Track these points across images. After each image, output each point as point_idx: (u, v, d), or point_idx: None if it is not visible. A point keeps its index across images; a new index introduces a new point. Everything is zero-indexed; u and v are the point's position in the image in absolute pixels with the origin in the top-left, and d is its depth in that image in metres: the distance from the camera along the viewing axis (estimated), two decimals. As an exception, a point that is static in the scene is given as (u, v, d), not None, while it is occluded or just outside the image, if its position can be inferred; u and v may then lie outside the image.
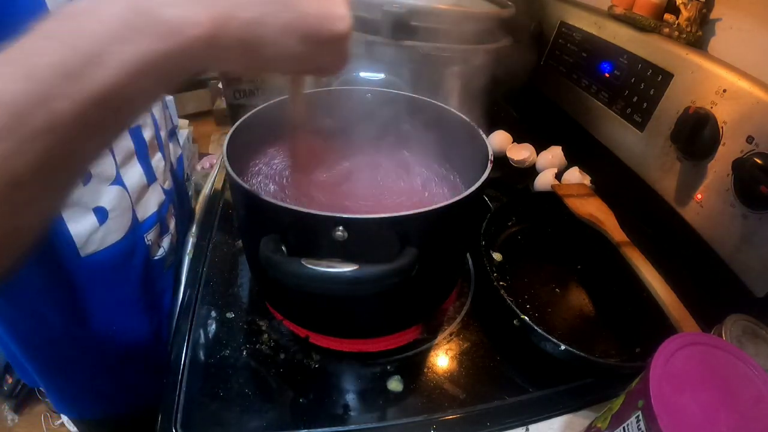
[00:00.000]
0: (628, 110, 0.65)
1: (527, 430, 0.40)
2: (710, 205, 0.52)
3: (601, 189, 0.66)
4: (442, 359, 0.46)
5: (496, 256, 0.56)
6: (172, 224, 0.57)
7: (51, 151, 0.19)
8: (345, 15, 0.28)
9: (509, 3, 0.76)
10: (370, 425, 0.40)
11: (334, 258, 0.32)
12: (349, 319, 0.44)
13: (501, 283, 0.49)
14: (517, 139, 0.79)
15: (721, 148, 0.50)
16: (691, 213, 0.55)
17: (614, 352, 0.47)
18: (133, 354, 0.55)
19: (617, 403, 0.34)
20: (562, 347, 0.41)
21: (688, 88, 0.55)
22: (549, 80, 0.85)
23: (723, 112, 0.50)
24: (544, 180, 0.70)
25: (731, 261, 0.50)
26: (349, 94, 0.53)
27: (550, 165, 0.73)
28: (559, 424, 0.41)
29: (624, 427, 0.31)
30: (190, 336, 0.45)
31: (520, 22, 0.82)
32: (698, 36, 0.59)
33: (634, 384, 0.33)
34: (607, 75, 0.69)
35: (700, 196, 0.53)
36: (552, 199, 0.62)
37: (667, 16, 0.62)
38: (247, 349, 0.45)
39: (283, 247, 0.34)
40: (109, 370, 0.55)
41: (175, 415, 0.38)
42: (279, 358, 0.44)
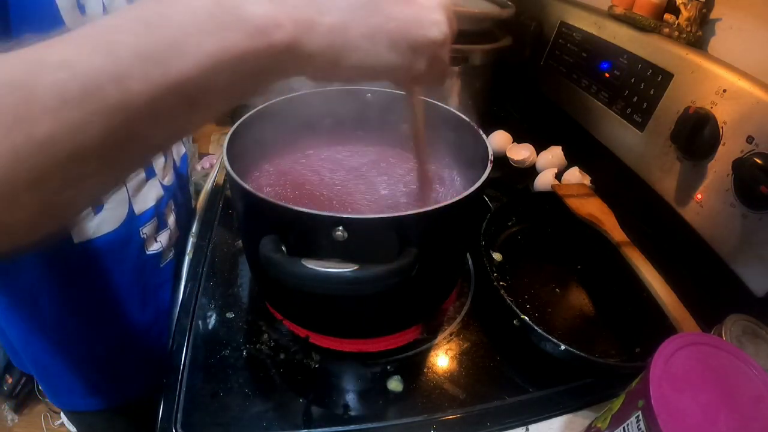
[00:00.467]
0: (628, 110, 0.65)
1: (527, 430, 0.40)
2: (710, 205, 0.52)
3: (601, 189, 0.66)
4: (442, 359, 0.46)
5: (496, 256, 0.56)
6: (171, 220, 0.57)
7: (117, 130, 0.19)
8: (440, 20, 0.27)
9: (509, 3, 0.76)
10: (370, 425, 0.40)
11: (334, 258, 0.32)
12: (349, 319, 0.44)
13: (501, 283, 0.49)
14: (517, 139, 0.79)
15: (721, 148, 0.50)
16: (691, 213, 0.55)
17: (614, 352, 0.47)
18: (125, 346, 0.55)
19: (617, 403, 0.34)
20: (562, 347, 0.42)
21: (688, 88, 0.55)
22: (549, 80, 0.85)
23: (723, 112, 0.50)
24: (544, 180, 0.70)
25: (731, 261, 0.50)
26: (349, 94, 0.53)
27: (550, 165, 0.73)
28: (559, 424, 0.41)
29: (624, 427, 0.31)
30: (190, 336, 0.45)
31: (520, 22, 0.83)
32: (698, 36, 0.59)
33: (634, 384, 0.33)
34: (607, 75, 0.69)
35: (700, 196, 0.53)
36: (552, 199, 0.62)
37: (667, 16, 0.62)
38: (247, 349, 0.45)
39: (283, 247, 0.34)
40: (102, 361, 0.55)
41: (175, 415, 0.38)
42: (279, 358, 0.44)
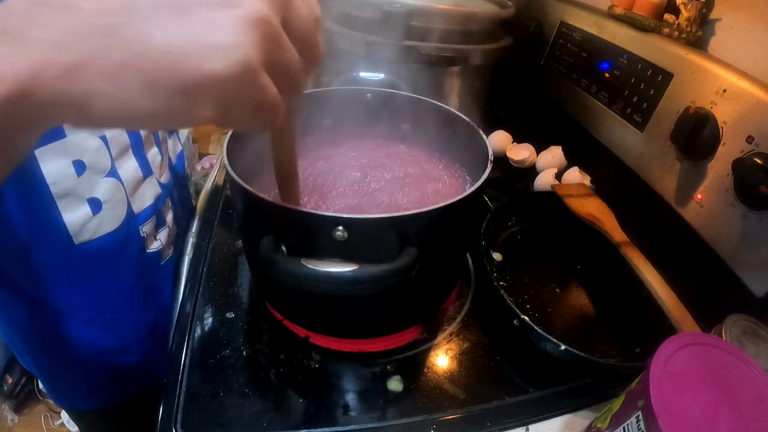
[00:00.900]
0: (628, 110, 0.65)
1: (527, 430, 0.40)
2: (710, 205, 0.52)
3: (601, 189, 0.66)
4: (442, 359, 0.46)
5: (496, 256, 0.56)
6: (169, 218, 0.58)
7: None
8: (231, 43, 0.19)
9: (509, 3, 0.76)
10: (370, 425, 0.40)
11: (334, 258, 0.32)
12: (349, 319, 0.44)
13: (501, 283, 0.49)
14: (517, 139, 0.79)
15: (721, 148, 0.50)
16: (691, 213, 0.55)
17: (614, 352, 0.47)
18: (126, 346, 0.56)
19: (617, 403, 0.34)
20: (562, 347, 0.41)
21: (688, 88, 0.55)
22: (549, 80, 0.85)
23: (723, 112, 0.50)
24: (544, 180, 0.70)
25: (731, 261, 0.50)
26: (349, 94, 0.53)
27: (550, 165, 0.73)
28: (559, 424, 0.41)
29: (624, 427, 0.31)
30: (190, 336, 0.45)
31: (520, 22, 0.83)
32: (698, 36, 0.59)
33: (634, 384, 0.33)
34: (607, 75, 0.69)
35: (700, 196, 0.53)
36: (552, 199, 0.62)
37: (667, 16, 0.62)
38: (247, 349, 0.45)
39: (283, 247, 0.34)
40: (102, 360, 0.55)
41: (175, 415, 0.38)
42: (279, 358, 0.44)
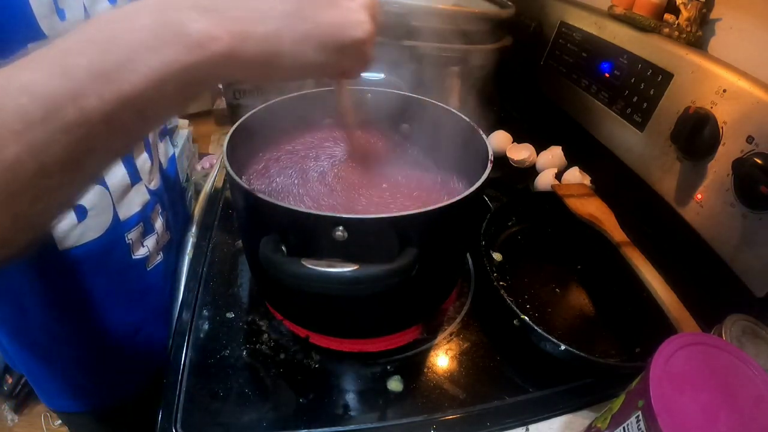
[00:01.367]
0: (628, 110, 0.65)
1: (527, 430, 0.40)
2: (710, 205, 0.52)
3: (601, 189, 0.66)
4: (442, 359, 0.46)
5: (496, 256, 0.56)
6: (158, 224, 0.57)
7: (78, 145, 0.21)
8: (362, 20, 0.30)
9: (509, 3, 0.76)
10: (370, 425, 0.40)
11: (334, 258, 0.32)
12: (349, 319, 0.44)
13: (501, 283, 0.49)
14: (517, 139, 0.79)
15: (721, 148, 0.50)
16: (691, 213, 0.55)
17: (614, 352, 0.47)
18: (112, 349, 0.56)
19: (617, 403, 0.34)
20: (562, 347, 0.41)
21: (688, 88, 0.55)
22: (549, 80, 0.85)
23: (723, 112, 0.50)
24: (544, 180, 0.70)
25: (731, 261, 0.50)
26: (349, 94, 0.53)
27: (550, 165, 0.73)
28: (559, 424, 0.41)
29: (624, 427, 0.31)
30: (190, 336, 0.45)
31: (520, 22, 0.83)
32: (698, 36, 0.59)
33: (634, 384, 0.33)
34: (607, 75, 0.69)
35: (700, 196, 0.53)
36: (552, 199, 0.62)
37: (667, 16, 0.62)
38: (247, 349, 0.45)
39: (283, 247, 0.34)
40: (88, 363, 0.55)
41: (175, 415, 0.38)
42: (279, 358, 0.44)
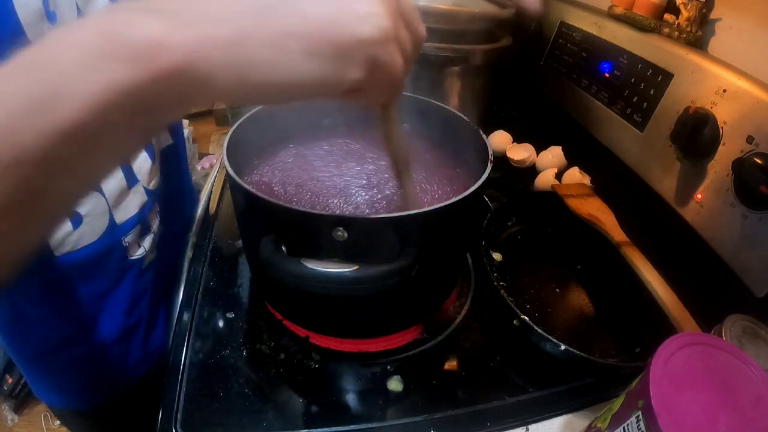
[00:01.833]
0: (628, 110, 0.65)
1: (527, 430, 0.40)
2: (710, 205, 0.52)
3: (601, 189, 0.66)
4: (442, 359, 0.46)
5: (496, 256, 0.56)
6: (155, 223, 0.57)
7: (20, 186, 0.18)
8: (373, 11, 0.22)
9: (509, 3, 0.76)
10: (370, 425, 0.40)
11: (334, 258, 0.32)
12: (349, 319, 0.44)
13: (501, 283, 0.49)
14: (517, 139, 0.79)
15: (721, 148, 0.50)
16: (691, 213, 0.55)
17: (614, 352, 0.47)
18: (108, 348, 0.56)
19: (617, 403, 0.34)
20: (562, 347, 0.41)
21: (688, 88, 0.55)
22: (549, 80, 0.85)
23: (723, 112, 0.50)
24: (544, 180, 0.70)
25: (731, 261, 0.50)
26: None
27: (550, 165, 0.73)
28: (559, 424, 0.41)
29: (624, 427, 0.31)
30: (190, 336, 0.45)
31: (520, 22, 0.82)
32: (698, 36, 0.59)
33: (634, 384, 0.33)
34: (607, 75, 0.69)
35: (700, 196, 0.53)
36: (552, 199, 0.62)
37: (667, 16, 0.62)
38: (247, 349, 0.45)
39: (283, 247, 0.34)
40: (85, 363, 0.55)
41: (175, 415, 0.38)
42: (279, 358, 0.44)
